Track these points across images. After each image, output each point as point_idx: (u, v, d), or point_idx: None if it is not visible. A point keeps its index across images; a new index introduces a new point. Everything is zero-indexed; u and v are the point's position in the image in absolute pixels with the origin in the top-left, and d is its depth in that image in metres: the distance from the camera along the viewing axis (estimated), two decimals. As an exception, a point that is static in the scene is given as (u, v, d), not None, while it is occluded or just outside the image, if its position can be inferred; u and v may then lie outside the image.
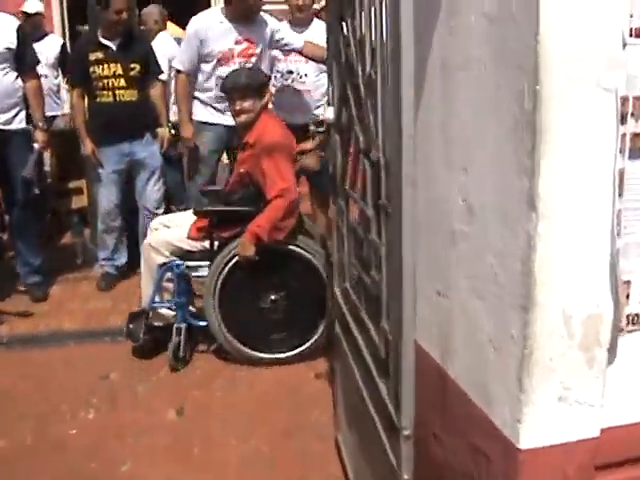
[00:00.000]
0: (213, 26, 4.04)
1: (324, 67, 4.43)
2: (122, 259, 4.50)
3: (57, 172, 5.41)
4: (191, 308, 3.47)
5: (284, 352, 3.36)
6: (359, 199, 1.95)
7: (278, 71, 4.41)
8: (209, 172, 4.25)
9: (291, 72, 4.44)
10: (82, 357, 3.51)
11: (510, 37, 1.25)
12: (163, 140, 4.38)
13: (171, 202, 4.96)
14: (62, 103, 5.71)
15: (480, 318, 1.46)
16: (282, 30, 4.23)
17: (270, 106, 3.55)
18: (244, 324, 3.33)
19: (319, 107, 4.59)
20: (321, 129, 2.35)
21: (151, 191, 4.41)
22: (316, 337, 3.33)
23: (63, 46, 5.63)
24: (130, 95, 4.23)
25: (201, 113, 4.19)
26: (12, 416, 2.93)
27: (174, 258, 3.31)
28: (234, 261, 3.21)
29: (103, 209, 4.36)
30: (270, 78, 3.40)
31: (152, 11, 5.47)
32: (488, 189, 1.38)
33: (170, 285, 3.36)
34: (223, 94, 3.49)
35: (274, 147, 3.09)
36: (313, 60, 4.33)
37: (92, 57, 4.17)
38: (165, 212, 4.48)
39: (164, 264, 3.30)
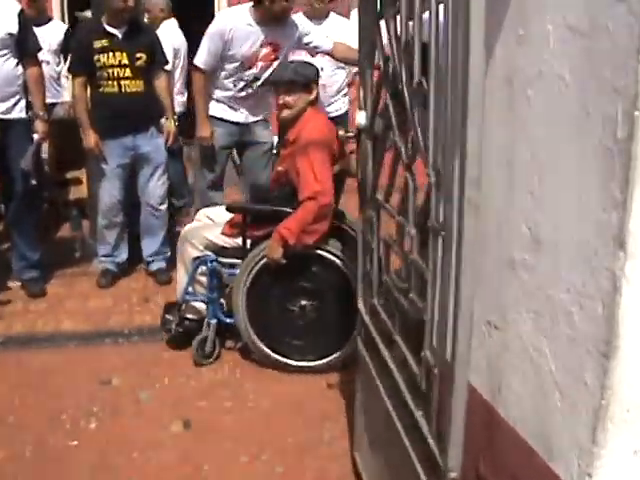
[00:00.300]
0: (239, 28, 3.84)
1: (341, 62, 4.32)
2: (123, 255, 4.34)
3: (55, 162, 5.21)
4: (223, 304, 3.35)
5: (311, 360, 3.22)
6: (398, 215, 1.81)
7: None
8: (220, 169, 4.11)
9: None
10: (82, 360, 3.36)
11: (601, 53, 1.12)
12: (169, 134, 4.21)
13: (172, 195, 4.81)
14: (62, 90, 5.52)
15: (543, 358, 1.33)
16: (311, 34, 4.03)
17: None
18: (271, 326, 3.21)
19: (333, 103, 4.46)
20: (351, 134, 2.21)
21: (154, 186, 4.25)
22: (346, 348, 3.14)
23: (67, 32, 5.42)
24: (136, 86, 4.05)
25: (213, 108, 4.03)
26: (9, 426, 2.78)
27: (208, 252, 3.22)
28: (264, 262, 3.08)
29: (105, 204, 4.19)
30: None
31: (158, -1, 5.29)
32: (562, 219, 1.24)
33: (204, 279, 3.28)
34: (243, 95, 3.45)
35: (311, 145, 2.92)
36: (345, 63, 4.19)
37: (97, 45, 3.99)
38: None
39: (198, 257, 3.24)
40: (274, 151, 4.17)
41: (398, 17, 1.74)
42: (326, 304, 3.12)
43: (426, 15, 1.67)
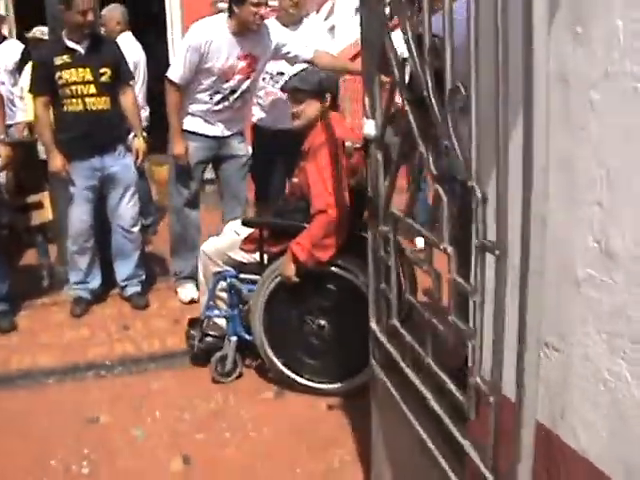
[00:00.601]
0: (216, 40, 3.68)
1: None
2: (96, 282, 4.13)
3: (13, 186, 4.97)
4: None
5: (329, 383, 3.05)
6: (425, 231, 1.68)
7: (267, 72, 4.08)
8: (195, 185, 3.94)
9: (282, 74, 4.14)
10: (65, 398, 3.15)
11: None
12: (138, 152, 4.02)
13: (140, 214, 4.60)
14: (16, 111, 5.27)
15: (623, 383, 1.21)
16: (289, 43, 3.89)
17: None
18: (288, 344, 3.06)
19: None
20: (357, 145, 2.08)
21: (125, 208, 4.05)
22: (365, 372, 2.87)
23: (23, 52, 5.18)
24: (101, 103, 3.85)
25: (188, 122, 3.86)
26: (-5, 477, 2.58)
27: (228, 268, 3.13)
28: (279, 279, 2.94)
29: (74, 229, 3.97)
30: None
31: (114, 11, 5.10)
32: (642, 231, 1.13)
33: (225, 295, 3.19)
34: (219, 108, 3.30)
35: (323, 157, 2.75)
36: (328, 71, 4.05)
37: (58, 61, 3.78)
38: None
39: (218, 273, 3.14)
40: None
41: (419, 14, 1.61)
42: (344, 324, 2.92)
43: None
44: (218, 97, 3.79)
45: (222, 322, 3.26)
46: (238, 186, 4.03)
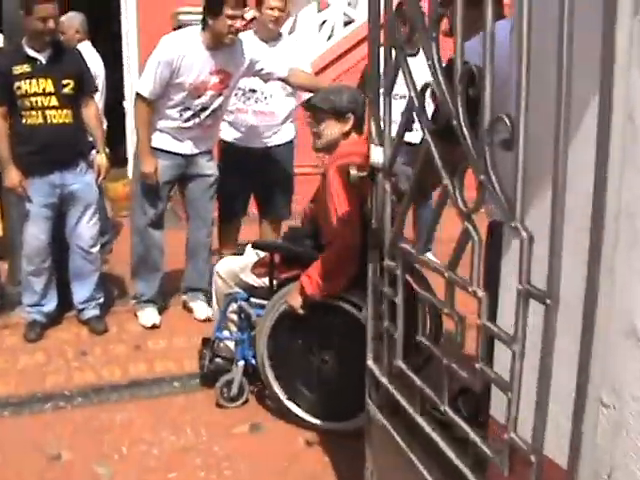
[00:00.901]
0: (188, 54, 3.52)
1: (290, 89, 4.06)
2: (52, 304, 3.88)
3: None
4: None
5: (326, 420, 2.86)
6: (447, 270, 1.57)
7: (240, 88, 3.94)
8: (162, 205, 3.76)
9: (254, 91, 4.01)
10: (22, 432, 2.92)
11: None
12: (100, 168, 3.81)
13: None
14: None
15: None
16: (263, 59, 3.75)
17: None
18: (290, 374, 2.90)
19: (279, 131, 4.20)
20: (362, 174, 1.97)
21: (85, 227, 3.82)
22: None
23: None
24: (63, 117, 3.63)
25: (156, 139, 3.68)
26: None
27: (239, 290, 3.00)
28: (285, 307, 2.79)
29: (30, 249, 3.73)
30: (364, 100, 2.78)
31: (73, 19, 4.88)
32: None
33: (236, 317, 3.07)
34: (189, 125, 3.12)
35: (337, 182, 2.57)
36: (303, 90, 3.96)
37: (17, 71, 3.55)
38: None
39: (230, 294, 3.02)
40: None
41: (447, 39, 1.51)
42: (348, 362, 2.69)
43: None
44: (188, 114, 3.63)
45: (231, 345, 3.15)
46: (205, 206, 3.87)
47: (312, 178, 4.49)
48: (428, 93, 1.60)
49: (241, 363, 3.04)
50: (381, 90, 1.88)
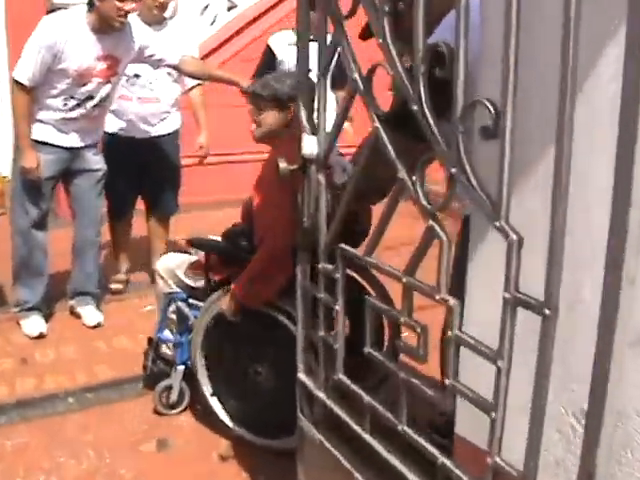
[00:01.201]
0: (72, 37, 3.16)
1: (175, 74, 3.79)
2: None
3: None
4: None
5: (258, 435, 2.58)
6: (407, 277, 1.39)
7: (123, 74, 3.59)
8: (46, 204, 3.38)
9: (138, 76, 3.68)
10: None
11: None
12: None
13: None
14: None
15: None
16: (153, 46, 3.44)
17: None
18: (224, 382, 2.63)
19: (166, 118, 3.91)
20: (292, 167, 1.75)
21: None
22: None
23: None
24: None
25: (37, 131, 3.28)
26: None
27: (178, 290, 2.72)
28: (217, 311, 2.51)
29: None
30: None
31: None
32: None
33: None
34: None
35: (272, 176, 2.24)
36: (193, 77, 3.70)
37: None
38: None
39: (170, 294, 2.75)
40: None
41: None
42: (282, 375, 2.39)
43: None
44: (73, 103, 3.27)
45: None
46: (93, 203, 3.52)
47: (195, 169, 4.29)
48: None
49: (180, 368, 2.78)
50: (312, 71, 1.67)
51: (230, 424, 2.64)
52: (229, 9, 6.15)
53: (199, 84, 3.98)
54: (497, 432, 1.21)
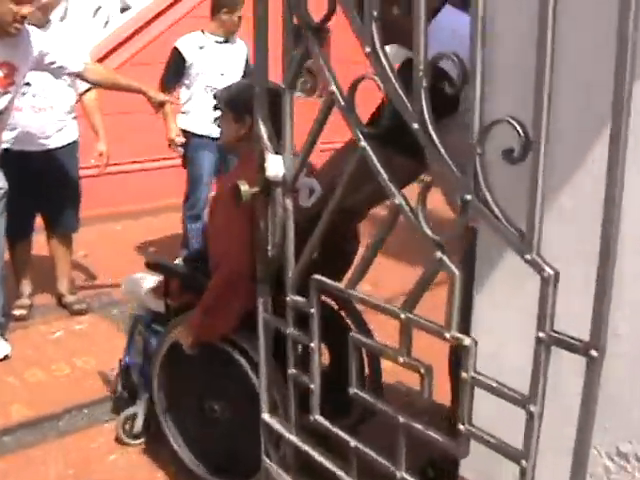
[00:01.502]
0: None
1: (68, 79, 3.51)
2: None
3: None
4: None
5: (217, 476, 2.32)
6: (406, 313, 1.26)
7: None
8: None
9: (29, 84, 3.37)
10: None
11: None
12: None
13: None
14: None
15: None
16: (53, 52, 3.14)
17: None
18: (182, 417, 2.38)
19: (63, 129, 3.61)
20: (254, 190, 1.56)
21: None
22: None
23: None
24: None
25: None
26: None
27: (141, 313, 2.51)
28: (173, 340, 2.26)
29: None
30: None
31: None
32: None
33: None
34: None
35: (227, 196, 1.92)
36: (105, 88, 3.48)
37: None
38: None
39: (135, 316, 2.55)
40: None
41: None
42: (238, 415, 2.20)
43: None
44: (-34, 117, 2.93)
45: None
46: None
47: (94, 180, 4.01)
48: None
49: (145, 396, 2.53)
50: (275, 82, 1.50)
51: (187, 461, 2.39)
52: (122, 10, 5.84)
53: (91, 87, 3.72)
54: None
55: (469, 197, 1.09)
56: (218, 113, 2.25)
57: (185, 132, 4.12)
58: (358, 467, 1.47)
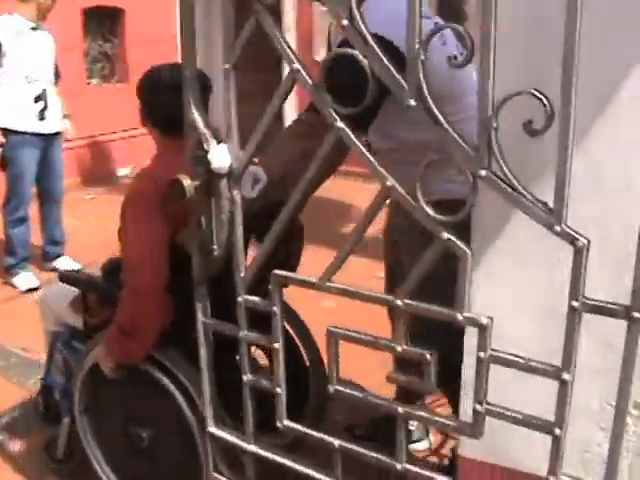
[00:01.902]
0: None
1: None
2: None
3: None
4: None
5: None
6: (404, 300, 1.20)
7: None
8: None
9: None
10: None
11: None
12: None
13: None
14: None
15: None
16: None
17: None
18: (106, 444, 2.12)
19: None
20: (196, 184, 1.39)
21: None
22: None
23: None
24: None
25: None
26: None
27: (60, 329, 2.23)
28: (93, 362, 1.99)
29: None
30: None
31: None
32: None
33: None
34: None
35: (138, 199, 1.82)
36: None
37: None
38: None
39: (54, 332, 2.26)
40: None
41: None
42: (168, 442, 1.98)
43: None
44: None
45: None
46: None
47: None
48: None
49: (66, 420, 2.23)
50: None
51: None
52: None
53: None
54: (561, 449, 1.11)
55: (483, 173, 1.06)
56: (41, 105, 2.06)
57: (2, 130, 3.70)
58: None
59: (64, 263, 4.08)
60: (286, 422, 1.45)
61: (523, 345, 1.15)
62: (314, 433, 1.41)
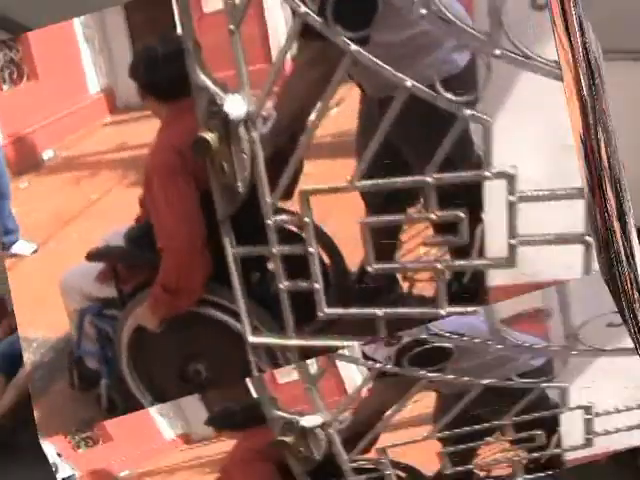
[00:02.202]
0: None
1: None
2: None
3: None
4: None
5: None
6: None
7: None
8: None
9: None
10: None
11: None
12: None
13: None
14: None
15: None
16: None
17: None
18: (164, 391, 2.12)
19: None
20: (217, 135, 1.48)
21: None
22: None
23: None
24: None
25: None
26: None
27: (88, 304, 2.18)
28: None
29: None
30: None
31: None
32: None
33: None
34: None
35: (161, 164, 1.83)
36: None
37: None
38: None
39: (81, 309, 2.19)
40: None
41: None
42: (223, 371, 2.07)
43: None
44: None
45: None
46: None
47: None
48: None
49: (104, 382, 2.23)
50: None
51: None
52: None
53: None
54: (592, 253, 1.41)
55: (498, 52, 1.34)
56: None
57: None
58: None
59: (22, 247, 3.89)
60: (327, 309, 1.65)
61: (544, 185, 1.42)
62: (355, 311, 1.63)
